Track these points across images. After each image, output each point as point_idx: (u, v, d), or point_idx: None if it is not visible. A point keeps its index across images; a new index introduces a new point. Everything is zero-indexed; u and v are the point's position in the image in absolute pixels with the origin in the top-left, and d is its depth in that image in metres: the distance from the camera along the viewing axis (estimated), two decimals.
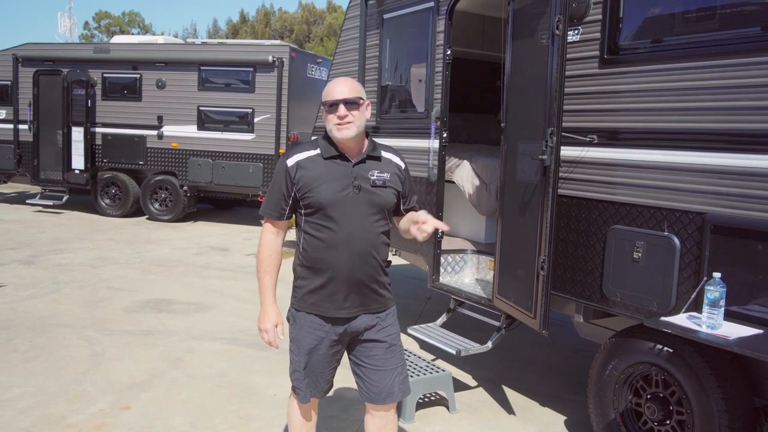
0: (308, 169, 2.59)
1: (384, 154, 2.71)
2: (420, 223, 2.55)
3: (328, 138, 2.65)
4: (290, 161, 2.62)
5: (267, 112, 10.96)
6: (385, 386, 2.73)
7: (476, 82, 6.54)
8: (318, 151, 2.63)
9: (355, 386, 2.87)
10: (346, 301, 2.62)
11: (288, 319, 2.77)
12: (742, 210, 2.93)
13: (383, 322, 2.72)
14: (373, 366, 2.74)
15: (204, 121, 11.45)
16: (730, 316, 2.90)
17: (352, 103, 2.56)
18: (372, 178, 2.61)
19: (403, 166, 2.77)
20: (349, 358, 2.83)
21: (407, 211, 2.82)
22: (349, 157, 2.61)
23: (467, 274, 5.32)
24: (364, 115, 2.62)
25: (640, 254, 3.36)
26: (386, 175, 2.65)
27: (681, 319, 3.01)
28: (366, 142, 2.68)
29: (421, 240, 2.60)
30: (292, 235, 2.92)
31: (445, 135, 4.90)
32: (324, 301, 2.63)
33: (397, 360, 2.76)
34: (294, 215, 2.71)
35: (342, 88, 2.59)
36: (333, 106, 2.56)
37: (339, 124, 2.56)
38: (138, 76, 11.82)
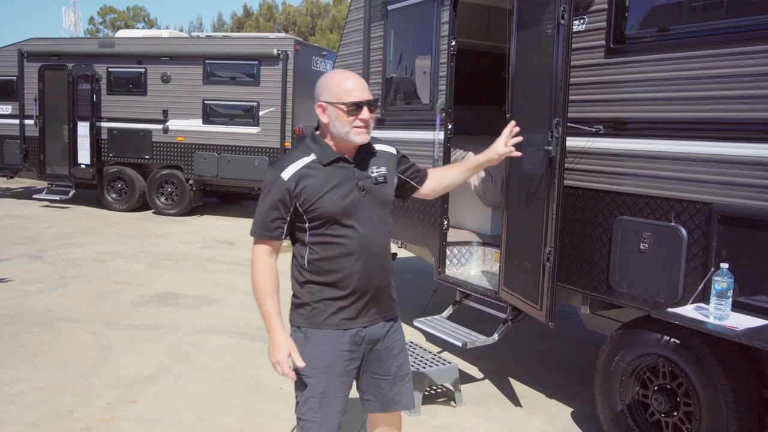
0: (308, 179, 2.29)
1: (378, 147, 2.50)
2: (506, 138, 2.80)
3: (317, 139, 2.38)
4: (285, 174, 2.29)
5: (272, 106, 10.94)
6: (396, 393, 2.54)
7: (481, 73, 6.50)
8: (313, 156, 2.33)
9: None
10: (364, 310, 2.40)
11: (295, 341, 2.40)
12: (750, 200, 2.90)
13: (392, 329, 2.53)
14: (385, 376, 2.51)
15: (209, 114, 11.44)
16: (738, 307, 2.87)
17: (372, 104, 2.34)
18: (373, 174, 2.40)
19: (395, 152, 2.56)
20: (358, 379, 2.53)
21: (423, 178, 2.65)
22: (348, 158, 2.37)
23: (473, 266, 5.31)
24: None
25: (647, 245, 3.33)
26: (384, 169, 2.45)
27: (688, 311, 2.98)
28: None
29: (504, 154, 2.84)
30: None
31: (450, 126, 4.87)
32: (339, 314, 2.37)
33: (408, 366, 2.59)
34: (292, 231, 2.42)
35: (359, 84, 2.32)
36: (357, 107, 2.29)
37: (359, 128, 2.31)
38: (143, 70, 11.82)
